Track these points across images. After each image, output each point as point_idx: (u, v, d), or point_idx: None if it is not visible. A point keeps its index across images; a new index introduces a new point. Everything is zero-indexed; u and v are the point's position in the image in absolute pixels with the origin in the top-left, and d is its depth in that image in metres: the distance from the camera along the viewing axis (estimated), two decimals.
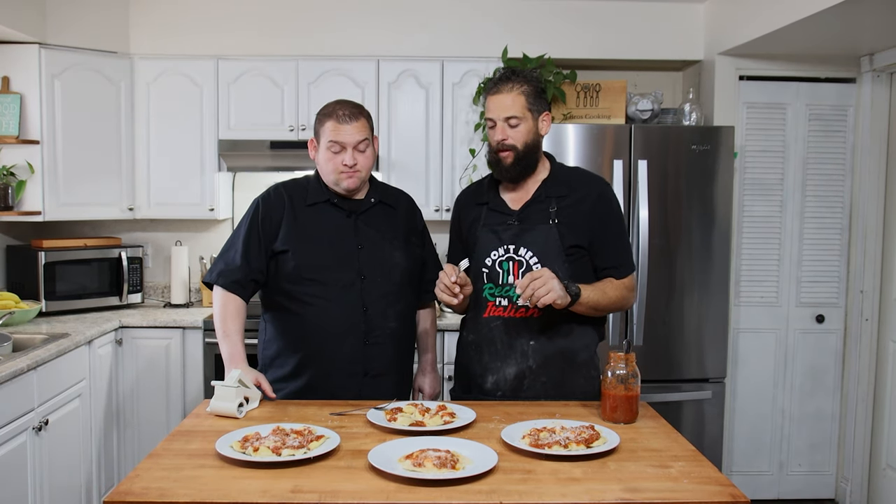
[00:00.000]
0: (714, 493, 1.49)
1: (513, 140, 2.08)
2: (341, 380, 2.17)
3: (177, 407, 3.54)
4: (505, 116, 2.08)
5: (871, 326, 3.71)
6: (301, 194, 2.24)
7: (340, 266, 2.18)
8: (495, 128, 2.10)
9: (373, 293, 2.19)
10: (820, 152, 3.80)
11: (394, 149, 3.80)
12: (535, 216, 2.13)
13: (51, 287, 3.58)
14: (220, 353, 2.26)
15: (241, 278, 2.16)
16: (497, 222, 2.16)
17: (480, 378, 2.18)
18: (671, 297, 3.42)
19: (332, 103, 2.21)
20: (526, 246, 2.11)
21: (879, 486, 3.66)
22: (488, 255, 2.15)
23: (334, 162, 2.16)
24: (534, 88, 2.10)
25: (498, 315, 2.14)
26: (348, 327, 2.16)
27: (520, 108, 2.08)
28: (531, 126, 2.10)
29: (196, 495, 1.45)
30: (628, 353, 1.93)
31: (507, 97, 2.08)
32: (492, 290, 2.15)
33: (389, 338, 2.22)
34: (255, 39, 3.79)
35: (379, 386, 2.20)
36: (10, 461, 2.56)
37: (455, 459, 1.57)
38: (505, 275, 2.13)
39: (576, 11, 3.83)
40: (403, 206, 2.35)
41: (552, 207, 2.12)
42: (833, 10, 2.77)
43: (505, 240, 2.14)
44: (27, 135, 3.50)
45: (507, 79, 2.10)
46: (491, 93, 2.12)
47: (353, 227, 2.22)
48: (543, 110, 2.13)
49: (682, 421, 3.42)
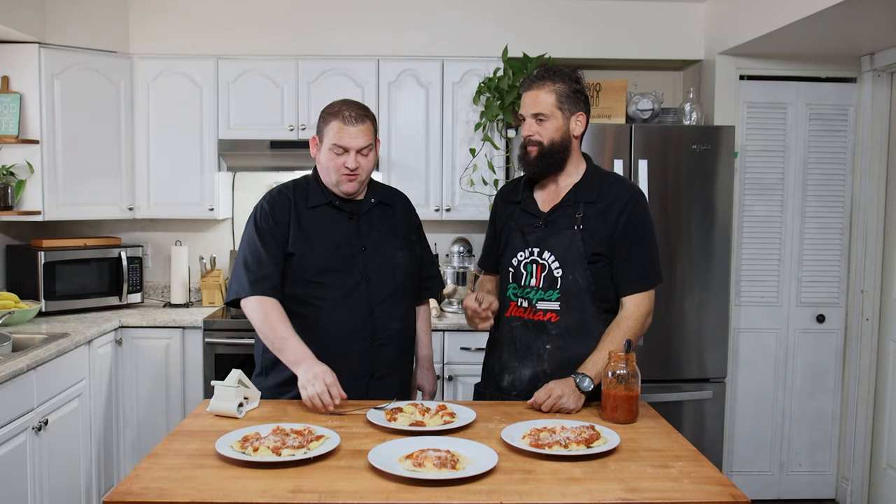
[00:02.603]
0: (714, 493, 1.49)
1: (539, 136, 2.10)
2: (347, 382, 2.13)
3: (177, 407, 3.53)
4: (532, 113, 2.10)
5: (871, 326, 3.71)
6: (302, 196, 2.23)
7: (346, 268, 2.17)
8: (524, 123, 2.13)
9: (378, 294, 2.18)
10: (820, 152, 3.79)
11: (394, 149, 3.79)
12: (562, 220, 2.13)
13: (50, 287, 3.58)
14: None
15: (276, 283, 2.12)
16: (525, 223, 2.17)
17: (498, 376, 2.20)
18: (671, 296, 3.42)
19: (339, 102, 2.19)
20: (549, 250, 2.12)
21: (880, 486, 3.66)
22: (515, 255, 2.17)
23: (336, 163, 2.15)
24: (568, 87, 2.10)
25: (518, 315, 2.15)
26: (355, 329, 2.16)
27: (549, 105, 2.08)
28: (560, 124, 2.09)
29: (196, 495, 1.45)
30: (628, 353, 1.93)
31: (538, 94, 2.09)
32: (515, 291, 2.16)
33: (395, 338, 2.22)
34: (255, 39, 3.78)
35: (384, 387, 2.20)
36: (10, 461, 2.56)
37: (455, 460, 1.56)
38: (528, 277, 2.14)
39: (576, 11, 3.83)
40: (400, 205, 2.35)
41: (579, 213, 2.11)
42: (833, 9, 2.77)
43: (530, 242, 2.14)
44: (27, 134, 3.50)
45: (542, 76, 2.11)
46: (524, 89, 2.14)
47: (356, 229, 2.22)
48: (578, 111, 2.11)
49: (682, 421, 3.42)
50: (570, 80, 2.11)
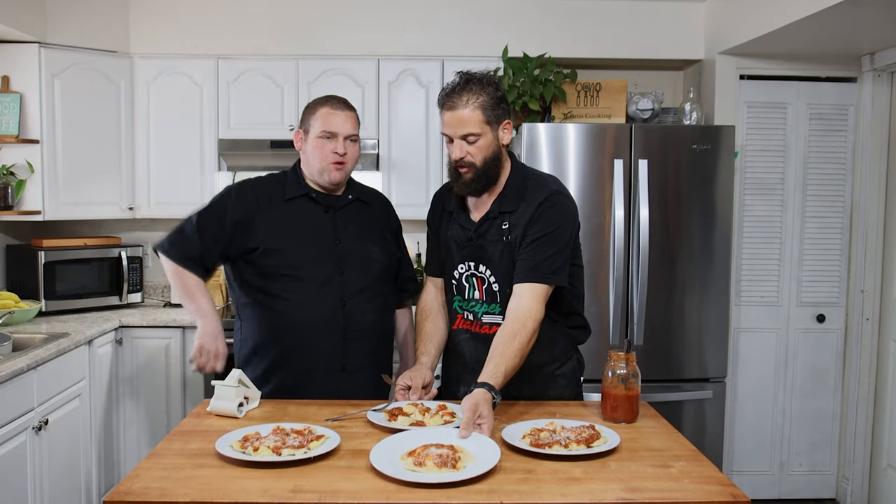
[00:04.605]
0: (714, 492, 1.49)
1: (471, 157, 1.97)
2: (319, 375, 2.15)
3: (177, 407, 3.54)
4: (462, 134, 1.96)
5: (871, 326, 3.71)
6: (277, 190, 2.23)
7: (319, 261, 2.17)
8: (452, 144, 1.99)
9: (351, 287, 2.18)
10: (820, 152, 3.79)
11: (394, 148, 3.79)
12: (491, 232, 2.04)
13: (50, 287, 3.58)
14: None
15: (195, 259, 2.14)
16: (459, 236, 2.11)
17: (455, 386, 2.18)
18: (672, 296, 3.42)
19: (324, 96, 2.25)
20: (484, 263, 2.06)
21: (880, 486, 3.66)
22: (455, 268, 2.11)
23: (324, 151, 2.15)
24: (490, 98, 1.96)
25: (465, 328, 2.12)
26: (327, 322, 2.15)
27: (477, 123, 1.95)
28: (490, 139, 1.98)
29: (196, 495, 1.45)
30: (629, 352, 1.93)
31: (463, 112, 1.94)
32: (460, 304, 2.12)
33: (368, 331, 2.21)
34: (255, 39, 3.79)
35: (356, 381, 2.19)
36: (10, 461, 2.56)
37: (457, 457, 1.56)
38: (471, 290, 2.09)
39: (576, 11, 3.83)
40: (378, 205, 2.36)
41: (504, 223, 2.02)
42: (833, 9, 2.77)
43: (466, 255, 2.09)
44: (27, 134, 3.50)
45: (462, 91, 1.95)
46: (446, 107, 1.97)
47: (332, 223, 2.22)
48: (504, 119, 2.00)
49: (682, 421, 3.42)
50: (490, 87, 1.97)
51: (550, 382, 2.13)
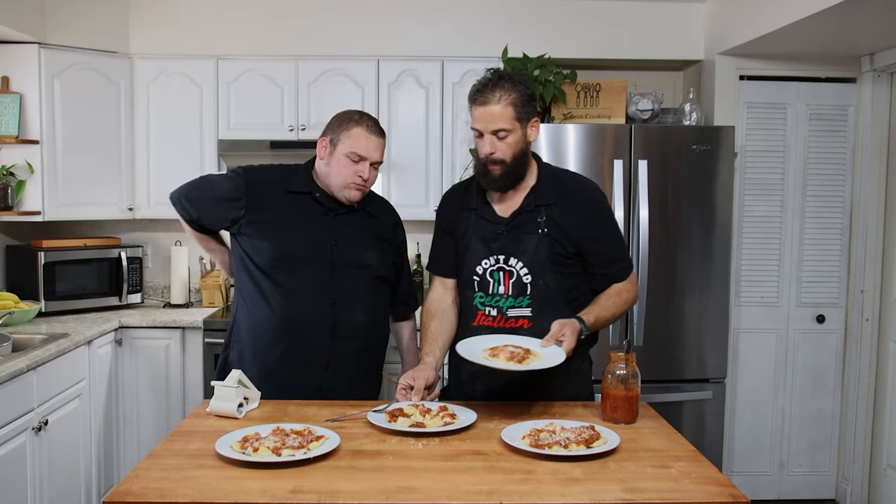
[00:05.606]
0: (714, 493, 1.49)
1: (501, 154, 2.00)
2: (302, 370, 2.16)
3: (177, 407, 3.53)
4: (493, 129, 1.98)
5: (871, 326, 3.71)
6: (284, 179, 2.25)
7: (312, 257, 2.18)
8: (482, 139, 2.00)
9: (342, 287, 2.19)
10: (820, 152, 3.79)
11: (394, 149, 3.79)
12: (525, 225, 2.07)
13: (50, 287, 3.57)
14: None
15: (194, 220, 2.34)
16: (486, 230, 2.10)
17: (469, 385, 2.17)
18: (671, 297, 3.42)
19: (356, 112, 2.21)
20: (516, 256, 2.06)
21: (880, 486, 3.66)
22: (478, 263, 2.10)
23: (349, 171, 2.15)
24: (522, 95, 1.99)
25: (487, 325, 2.10)
26: (316, 318, 2.16)
27: (508, 119, 1.97)
28: (520, 136, 2.01)
29: (196, 495, 1.45)
30: (628, 353, 1.93)
31: (496, 108, 1.96)
32: (482, 300, 2.11)
33: (357, 332, 2.21)
34: (255, 39, 3.78)
35: (338, 381, 2.19)
36: (10, 461, 2.56)
37: (526, 356, 1.85)
38: (496, 284, 2.08)
39: (576, 11, 3.83)
40: (385, 217, 2.34)
41: (541, 217, 2.05)
42: (833, 9, 2.77)
43: (495, 249, 2.08)
44: (27, 135, 3.50)
45: (495, 86, 1.98)
46: (477, 102, 1.99)
47: (330, 224, 2.22)
48: (532, 117, 2.03)
49: (682, 421, 3.42)
50: (522, 84, 2.00)
51: (571, 378, 2.13)
